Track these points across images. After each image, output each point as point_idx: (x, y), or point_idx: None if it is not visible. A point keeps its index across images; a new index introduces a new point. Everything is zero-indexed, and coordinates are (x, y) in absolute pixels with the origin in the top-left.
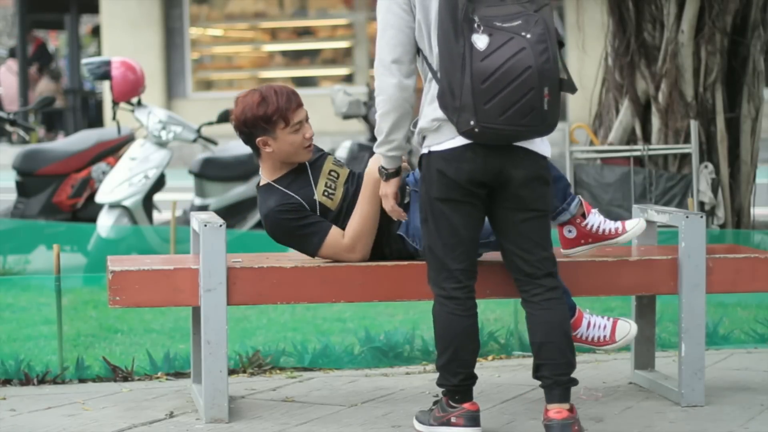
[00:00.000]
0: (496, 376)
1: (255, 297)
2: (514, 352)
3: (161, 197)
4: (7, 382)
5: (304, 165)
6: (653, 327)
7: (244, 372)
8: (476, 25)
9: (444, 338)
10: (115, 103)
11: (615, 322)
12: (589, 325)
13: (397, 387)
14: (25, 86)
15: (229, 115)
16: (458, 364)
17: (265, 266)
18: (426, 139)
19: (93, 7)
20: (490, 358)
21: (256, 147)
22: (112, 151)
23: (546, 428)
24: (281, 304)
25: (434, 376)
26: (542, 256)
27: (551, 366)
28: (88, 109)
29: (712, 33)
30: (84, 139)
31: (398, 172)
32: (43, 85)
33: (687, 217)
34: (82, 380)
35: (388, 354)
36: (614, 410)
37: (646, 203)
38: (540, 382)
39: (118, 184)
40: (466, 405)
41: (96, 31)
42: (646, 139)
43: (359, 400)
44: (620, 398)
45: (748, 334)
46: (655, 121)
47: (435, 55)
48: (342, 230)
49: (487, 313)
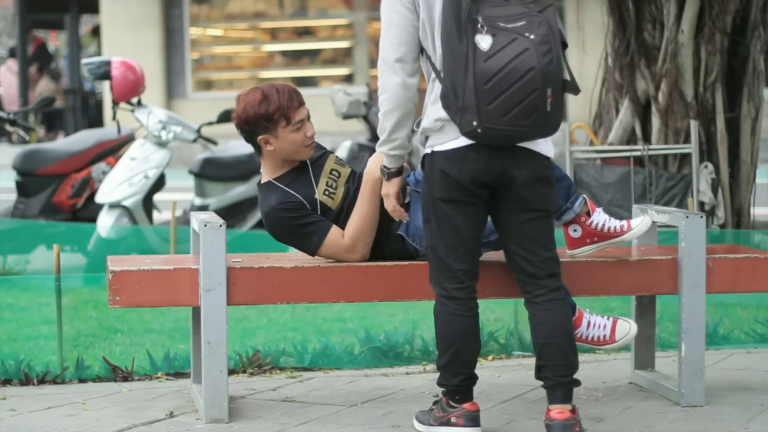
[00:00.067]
0: (496, 376)
1: (255, 297)
2: (514, 352)
3: (161, 197)
4: (7, 382)
5: (305, 163)
6: (653, 327)
7: (244, 372)
8: (480, 26)
9: (445, 338)
10: (115, 103)
11: (615, 322)
12: (589, 325)
13: (397, 387)
14: (25, 86)
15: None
16: (459, 364)
17: (265, 266)
18: (429, 139)
19: (93, 7)
20: (490, 358)
21: (257, 145)
22: (112, 151)
23: (547, 428)
24: (281, 304)
25: (434, 376)
26: (545, 256)
27: (553, 367)
28: (88, 109)
29: (712, 33)
30: (84, 139)
31: (400, 172)
32: (43, 85)
33: (687, 217)
34: (82, 380)
35: (388, 354)
36: (614, 410)
37: (646, 203)
38: (542, 382)
39: (118, 184)
40: (466, 405)
41: (96, 31)
42: (646, 139)
43: (359, 400)
44: (620, 398)
45: (748, 334)
46: (655, 121)
47: (438, 55)
48: (342, 230)
49: (487, 313)
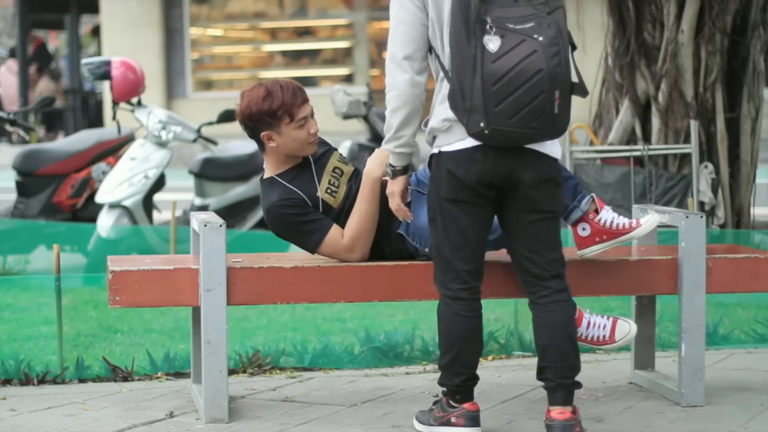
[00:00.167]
0: (496, 376)
1: (255, 297)
2: (514, 352)
3: (161, 197)
4: (7, 382)
5: (308, 160)
6: (653, 327)
7: (244, 372)
8: (488, 27)
9: (448, 338)
10: (115, 103)
11: (615, 322)
12: (589, 325)
13: (397, 387)
14: (25, 86)
15: (230, 115)
16: (461, 364)
17: (265, 266)
18: (436, 139)
19: (93, 7)
20: (490, 358)
21: (260, 141)
22: (112, 151)
23: (547, 428)
24: (281, 304)
25: (434, 376)
26: (550, 257)
27: (555, 368)
28: (88, 109)
29: (712, 33)
30: (84, 139)
31: (406, 170)
32: (43, 85)
33: (687, 217)
34: (82, 380)
35: (388, 354)
36: (614, 410)
37: (646, 203)
38: (543, 383)
39: (118, 184)
40: (467, 405)
41: (96, 31)
42: (646, 139)
43: (359, 400)
44: (620, 398)
45: (748, 334)
46: (655, 121)
47: (447, 55)
48: (342, 229)
49: (487, 313)
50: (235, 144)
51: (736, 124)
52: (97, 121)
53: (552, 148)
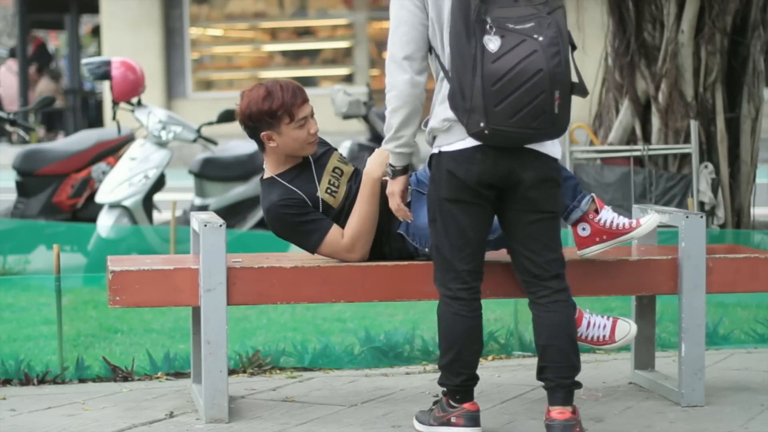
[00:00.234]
0: (496, 376)
1: (255, 297)
2: (514, 352)
3: (161, 197)
4: (7, 382)
5: (308, 160)
6: (653, 327)
7: (244, 372)
8: (488, 27)
9: (448, 338)
10: (115, 103)
11: (615, 322)
12: (589, 325)
13: (397, 387)
14: (25, 86)
15: (230, 115)
16: (461, 364)
17: (265, 266)
18: (436, 139)
19: (93, 7)
20: (490, 358)
21: (260, 141)
22: (112, 151)
23: (547, 428)
24: (281, 304)
25: (434, 376)
26: (550, 257)
27: (555, 369)
28: (88, 109)
29: (712, 33)
30: (84, 139)
31: (406, 170)
32: (43, 85)
33: (687, 217)
34: (82, 380)
35: (388, 354)
36: (614, 410)
37: (646, 203)
38: (543, 383)
39: (118, 184)
40: (467, 405)
41: (96, 31)
42: (646, 139)
43: (359, 400)
44: (620, 398)
45: (748, 334)
46: (655, 121)
47: (447, 55)
48: (342, 229)
49: (487, 313)
50: (235, 144)
51: (736, 124)
52: (97, 121)
53: (552, 148)
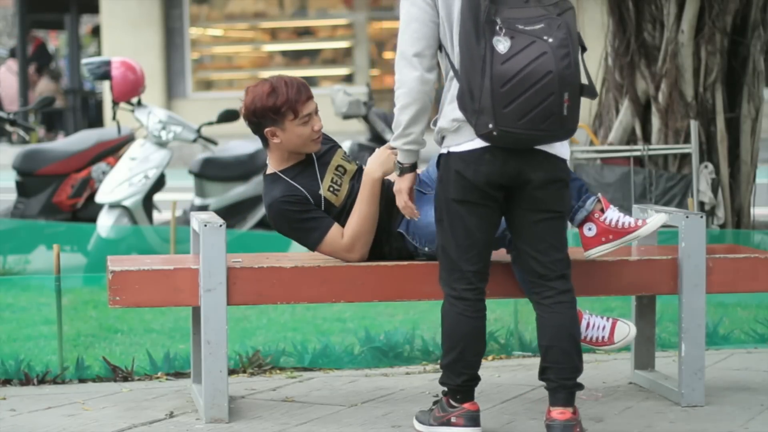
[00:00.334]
0: (496, 376)
1: (255, 297)
2: (514, 352)
3: (161, 197)
4: (7, 382)
5: (311, 157)
6: (653, 327)
7: (244, 372)
8: (498, 28)
9: (451, 338)
10: (115, 103)
11: (614, 324)
12: (588, 326)
13: (397, 387)
14: (25, 86)
15: (230, 115)
16: (463, 364)
17: (265, 266)
18: (445, 140)
19: (93, 7)
20: (490, 358)
21: (264, 137)
22: (112, 151)
23: (548, 428)
24: (281, 304)
25: (434, 376)
26: (556, 257)
27: (557, 369)
28: (88, 109)
29: (712, 33)
30: (84, 139)
31: (414, 168)
32: (43, 85)
33: (687, 217)
34: (82, 380)
35: (388, 354)
36: (614, 410)
37: (646, 203)
38: (545, 383)
39: (118, 184)
40: (467, 405)
41: (96, 31)
42: (646, 139)
43: (359, 400)
44: (620, 398)
45: (748, 334)
46: (655, 121)
47: (456, 54)
48: (343, 228)
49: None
50: (235, 144)
51: (736, 124)
52: (97, 121)
53: (561, 149)
